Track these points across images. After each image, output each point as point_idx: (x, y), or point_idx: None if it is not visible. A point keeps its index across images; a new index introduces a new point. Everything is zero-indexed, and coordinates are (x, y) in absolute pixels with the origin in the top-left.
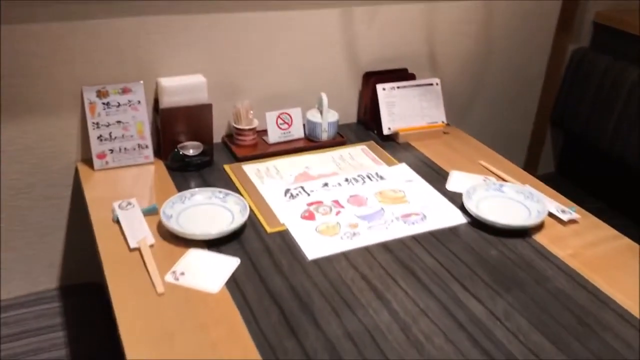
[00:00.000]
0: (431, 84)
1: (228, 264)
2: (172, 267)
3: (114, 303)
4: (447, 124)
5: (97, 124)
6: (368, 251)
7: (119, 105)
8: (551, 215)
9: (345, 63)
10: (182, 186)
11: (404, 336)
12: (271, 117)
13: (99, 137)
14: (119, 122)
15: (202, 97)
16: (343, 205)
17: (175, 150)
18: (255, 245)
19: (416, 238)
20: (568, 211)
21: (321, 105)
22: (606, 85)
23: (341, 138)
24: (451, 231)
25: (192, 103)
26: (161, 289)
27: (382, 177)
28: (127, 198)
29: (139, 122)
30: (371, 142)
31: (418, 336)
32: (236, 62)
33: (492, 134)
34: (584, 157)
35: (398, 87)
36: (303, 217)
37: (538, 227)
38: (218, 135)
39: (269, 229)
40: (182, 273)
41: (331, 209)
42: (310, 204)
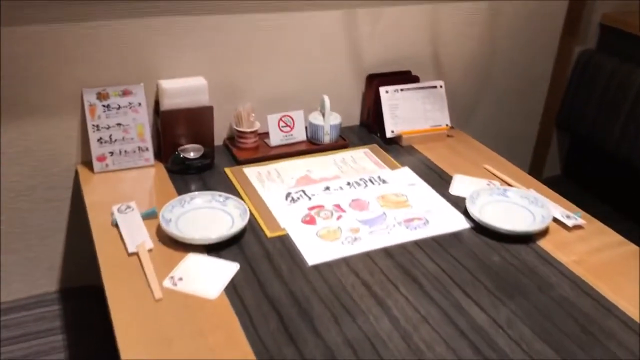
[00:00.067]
0: (435, 87)
1: (227, 269)
2: (171, 272)
3: (111, 308)
4: (451, 127)
5: (97, 126)
6: (369, 257)
7: (120, 107)
8: (556, 220)
9: (348, 65)
10: (183, 189)
11: (405, 344)
12: (273, 120)
13: (99, 140)
14: (119, 125)
15: (203, 100)
16: (344, 209)
17: (175, 153)
18: (255, 250)
19: (418, 243)
20: (573, 217)
21: (323, 107)
22: (613, 87)
23: (344, 141)
24: (454, 236)
25: (193, 105)
26: (159, 295)
27: (385, 181)
28: (127, 201)
29: (140, 125)
30: (374, 145)
31: (419, 344)
32: (238, 64)
33: (497, 136)
34: (591, 160)
35: (401, 90)
36: (304, 222)
37: (542, 233)
38: (219, 137)
39: (269, 234)
40: (181, 278)
41: (332, 213)
42: (311, 208)
